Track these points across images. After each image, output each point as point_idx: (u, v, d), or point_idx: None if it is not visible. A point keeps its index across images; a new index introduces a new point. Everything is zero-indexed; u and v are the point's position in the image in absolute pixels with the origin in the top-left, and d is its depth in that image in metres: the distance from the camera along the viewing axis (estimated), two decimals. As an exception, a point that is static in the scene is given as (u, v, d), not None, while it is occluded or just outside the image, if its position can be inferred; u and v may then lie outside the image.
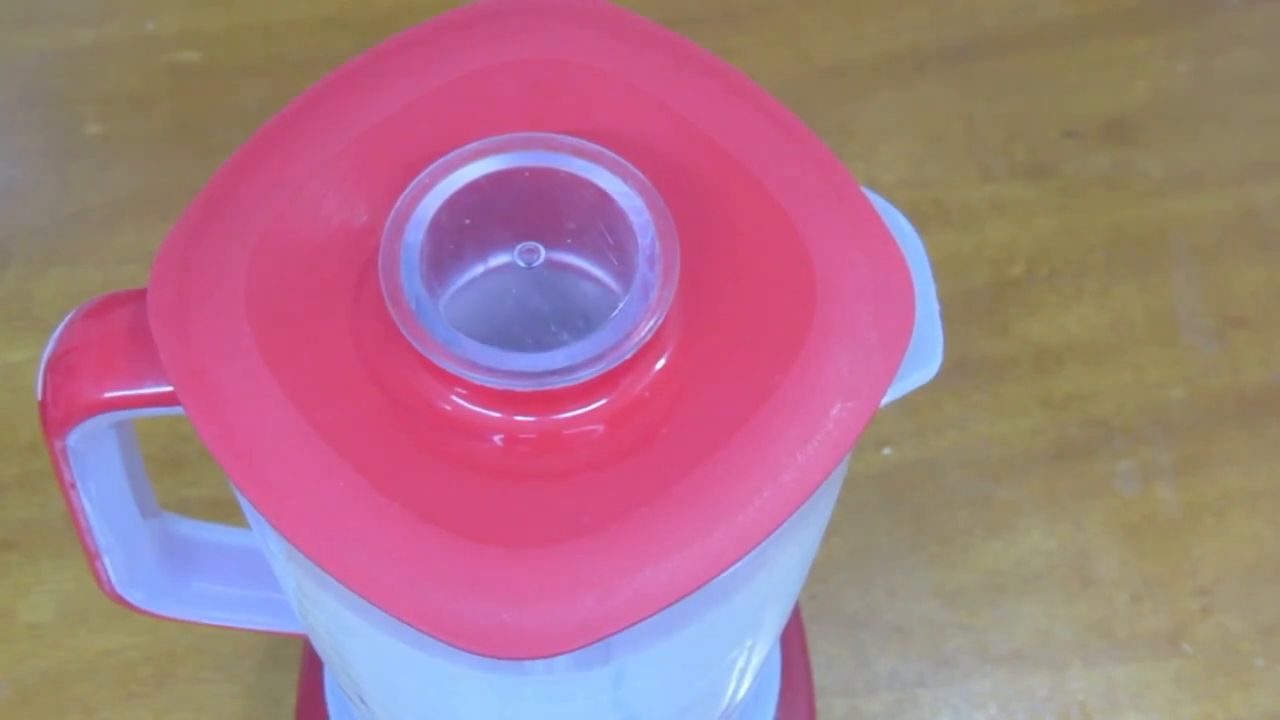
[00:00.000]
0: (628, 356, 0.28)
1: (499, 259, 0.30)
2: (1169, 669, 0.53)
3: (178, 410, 0.30)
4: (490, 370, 0.27)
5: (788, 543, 0.31)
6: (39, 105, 0.65)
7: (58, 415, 0.31)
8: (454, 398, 0.28)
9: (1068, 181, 0.64)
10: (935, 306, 0.31)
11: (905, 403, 0.31)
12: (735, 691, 0.38)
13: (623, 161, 0.30)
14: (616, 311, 0.28)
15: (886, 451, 0.57)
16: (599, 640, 0.27)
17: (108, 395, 0.31)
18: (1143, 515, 0.56)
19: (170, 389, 0.29)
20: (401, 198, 0.29)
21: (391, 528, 0.27)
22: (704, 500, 0.28)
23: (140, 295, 0.30)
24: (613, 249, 0.30)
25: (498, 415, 0.28)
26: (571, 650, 0.27)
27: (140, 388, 0.30)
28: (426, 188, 0.29)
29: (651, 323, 0.28)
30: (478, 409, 0.28)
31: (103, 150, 0.63)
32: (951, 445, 0.57)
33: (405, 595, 0.27)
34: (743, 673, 0.37)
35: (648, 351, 0.28)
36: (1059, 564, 0.55)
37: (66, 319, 0.32)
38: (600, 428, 0.28)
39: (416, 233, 0.29)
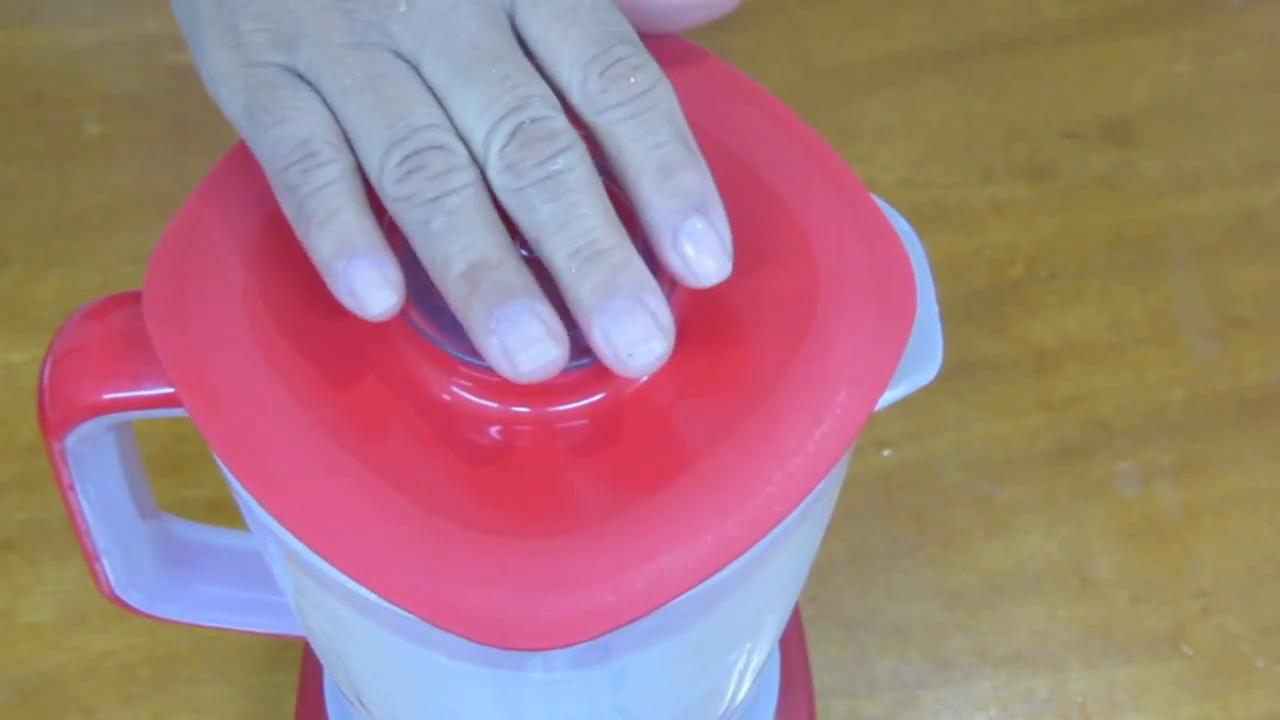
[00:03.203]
0: None
1: None
2: (1169, 670, 0.53)
3: (177, 411, 0.30)
4: None
5: (787, 543, 0.31)
6: (39, 105, 0.65)
7: (57, 417, 0.31)
8: (454, 388, 0.28)
9: (1068, 182, 0.63)
10: (935, 308, 0.31)
11: (905, 404, 0.31)
12: (735, 694, 0.38)
13: None
14: None
15: (886, 453, 0.57)
16: (609, 631, 0.27)
17: (107, 397, 0.31)
18: (1143, 516, 0.56)
19: (169, 390, 0.29)
20: None
21: (398, 520, 0.27)
22: (715, 487, 0.28)
23: (139, 296, 0.30)
24: None
25: (497, 406, 0.28)
26: (581, 641, 0.27)
27: (139, 389, 0.30)
28: None
29: None
30: (480, 400, 0.28)
31: (102, 150, 0.63)
32: (951, 446, 0.57)
33: (413, 587, 0.27)
34: (742, 675, 0.37)
35: None
36: (1059, 565, 0.55)
37: (66, 320, 0.32)
38: (602, 419, 0.28)
39: None
